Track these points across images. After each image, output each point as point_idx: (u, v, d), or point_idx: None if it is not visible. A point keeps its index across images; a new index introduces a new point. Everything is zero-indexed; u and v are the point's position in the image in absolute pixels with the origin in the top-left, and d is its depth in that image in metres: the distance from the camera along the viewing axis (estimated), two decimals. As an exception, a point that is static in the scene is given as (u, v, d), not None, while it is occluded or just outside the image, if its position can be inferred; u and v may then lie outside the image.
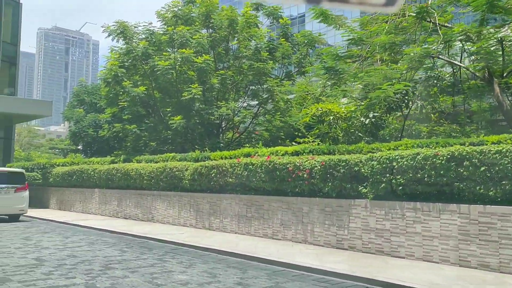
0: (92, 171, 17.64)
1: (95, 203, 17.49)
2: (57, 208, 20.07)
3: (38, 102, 21.60)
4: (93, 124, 30.47)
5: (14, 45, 33.18)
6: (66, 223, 14.45)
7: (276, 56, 20.31)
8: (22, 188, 15.36)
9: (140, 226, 13.16)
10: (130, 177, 15.34)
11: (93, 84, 32.33)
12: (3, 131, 32.35)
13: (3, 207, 14.76)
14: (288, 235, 10.24)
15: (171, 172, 13.66)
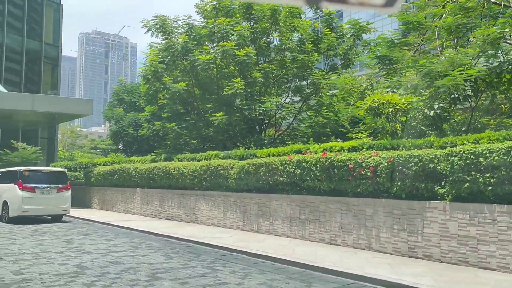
0: (133, 170, 17.17)
1: (136, 203, 17.02)
2: (99, 208, 19.82)
3: (79, 101, 21.46)
4: (132, 123, 30.39)
5: (56, 47, 33.68)
6: (108, 224, 13.97)
7: (320, 48, 19.18)
8: (64, 188, 15.04)
9: (184, 228, 12.44)
10: (172, 176, 14.69)
11: (132, 83, 32.26)
12: (47, 131, 32.91)
13: (45, 207, 14.47)
14: (349, 240, 9.16)
15: (216, 171, 12.86)
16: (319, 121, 19.13)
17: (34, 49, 31.61)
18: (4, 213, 14.33)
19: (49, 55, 32.86)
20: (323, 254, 8.32)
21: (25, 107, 19.25)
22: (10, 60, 29.79)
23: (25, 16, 30.88)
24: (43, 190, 14.45)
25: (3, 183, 14.99)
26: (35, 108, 19.30)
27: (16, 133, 29.17)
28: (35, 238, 10.64)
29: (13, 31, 30.13)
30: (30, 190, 14.12)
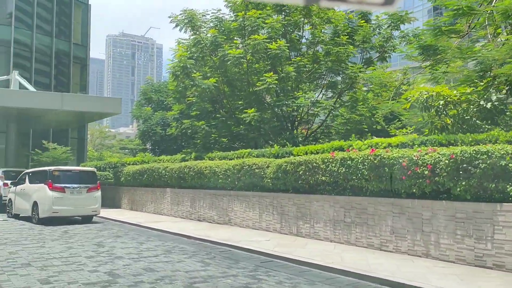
0: (163, 169, 16.67)
1: (167, 203, 16.51)
2: (128, 208, 19.47)
3: (108, 100, 21.26)
4: (160, 123, 30.10)
5: (84, 47, 33.80)
6: (139, 225, 13.47)
7: (355, 41, 18.21)
8: (94, 188, 14.66)
9: (218, 231, 11.78)
10: (204, 176, 14.08)
11: (159, 82, 31.99)
12: (77, 131, 33.08)
13: (75, 208, 14.11)
14: (402, 246, 8.26)
15: (250, 170, 12.14)
16: (354, 118, 18.19)
17: (63, 49, 31.79)
18: (34, 214, 14.06)
19: (78, 55, 33.00)
20: (376, 262, 7.46)
21: (54, 106, 19.09)
22: (40, 61, 30.00)
23: (53, 17, 31.06)
24: (73, 190, 14.09)
25: (33, 183, 14.74)
26: (64, 107, 19.11)
27: (47, 134, 29.39)
28: (65, 241, 10.19)
29: (42, 31, 30.33)
30: (60, 191, 13.79)
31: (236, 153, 14.55)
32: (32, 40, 29.51)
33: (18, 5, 29.03)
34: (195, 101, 21.11)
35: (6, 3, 29.12)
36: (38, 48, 29.84)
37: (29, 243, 9.77)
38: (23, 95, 19.55)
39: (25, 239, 10.47)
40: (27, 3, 29.59)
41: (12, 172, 19.17)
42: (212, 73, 18.08)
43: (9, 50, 28.00)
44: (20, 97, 18.97)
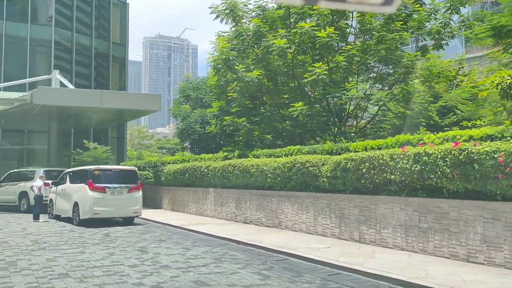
0: (205, 168, 15.82)
1: (210, 204, 15.64)
2: (169, 208, 18.78)
3: (147, 96, 20.74)
4: (199, 121, 29.47)
5: (123, 46, 33.69)
6: (182, 228, 12.63)
7: (410, 27, 16.69)
8: (135, 188, 13.97)
9: (268, 235, 10.72)
10: (250, 175, 13.06)
11: (197, 79, 31.36)
12: (116, 131, 33.06)
13: (116, 209, 13.47)
14: (497, 258, 6.88)
15: (303, 168, 11.00)
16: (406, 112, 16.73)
17: (102, 49, 31.76)
18: (75, 215, 13.52)
19: (117, 55, 32.93)
20: (473, 278, 6.15)
21: (94, 104, 18.68)
22: (80, 62, 30.05)
23: (92, 17, 31.07)
24: (114, 190, 13.45)
25: (73, 183, 14.23)
26: (103, 105, 18.66)
27: (87, 133, 29.42)
28: (106, 246, 9.44)
29: (81, 31, 30.38)
30: (100, 191, 13.17)
31: (284, 151, 13.45)
32: (72, 41, 29.58)
33: (58, 5, 29.16)
34: (236, 97, 20.24)
35: (46, 4, 29.34)
36: (78, 48, 29.90)
37: (69, 248, 9.07)
38: (63, 93, 19.28)
39: (65, 243, 9.80)
40: (66, 3, 29.69)
41: (53, 171, 18.92)
42: (255, 65, 17.05)
43: (50, 50, 28.13)
44: (60, 95, 18.69)
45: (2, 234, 11.25)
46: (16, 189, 18.34)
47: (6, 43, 27.00)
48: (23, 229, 12.41)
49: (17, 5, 28.39)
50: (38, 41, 28.44)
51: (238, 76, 15.89)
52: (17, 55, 27.48)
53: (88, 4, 30.91)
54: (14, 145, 28.10)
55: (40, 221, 14.40)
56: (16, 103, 18.30)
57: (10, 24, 27.48)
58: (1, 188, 19.08)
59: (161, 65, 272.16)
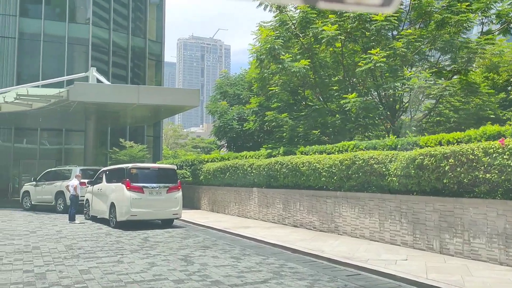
0: (248, 166, 14.62)
1: (253, 205, 14.43)
2: (209, 209, 17.73)
3: (185, 91, 19.72)
4: (237, 117, 28.41)
5: (159, 43, 33.09)
6: (227, 231, 11.46)
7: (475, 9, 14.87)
8: (175, 188, 12.94)
9: (327, 242, 9.36)
10: (301, 173, 11.73)
11: (235, 74, 30.30)
12: (152, 129, 32.51)
13: (155, 211, 12.47)
14: None
15: (366, 166, 9.56)
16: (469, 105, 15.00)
17: (138, 46, 31.25)
18: (111, 217, 12.63)
19: (153, 52, 32.38)
20: None
21: (131, 100, 17.88)
22: (116, 59, 29.63)
23: (129, 14, 30.60)
24: (152, 190, 12.46)
25: (110, 183, 13.37)
26: (141, 101, 17.82)
27: (123, 132, 28.99)
28: (146, 253, 8.36)
29: (118, 29, 29.97)
30: (138, 191, 12.20)
31: (337, 146, 12.04)
32: (109, 38, 29.19)
33: (95, 4, 28.82)
34: (277, 91, 19.03)
35: (84, 3, 29.07)
36: (114, 46, 29.48)
37: (105, 256, 8.05)
38: (100, 89, 18.60)
39: (101, 249, 8.81)
40: (103, 2, 29.33)
41: (89, 170, 18.27)
42: (301, 56, 15.70)
43: (87, 48, 27.82)
44: (97, 91, 18.00)
45: (35, 237, 10.44)
46: (52, 189, 17.80)
47: (44, 42, 26.87)
48: (57, 231, 11.60)
49: (55, 5, 28.27)
50: (75, 39, 28.17)
51: (284, 67, 14.60)
52: (55, 54, 27.29)
53: (125, 1, 30.46)
54: (52, 144, 27.99)
55: (76, 222, 13.64)
56: (52, 100, 17.75)
57: (49, 23, 27.34)
58: (38, 187, 18.62)
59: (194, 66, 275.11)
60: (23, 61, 26.52)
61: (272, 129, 22.42)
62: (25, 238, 10.22)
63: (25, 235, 10.77)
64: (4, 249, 8.70)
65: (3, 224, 13.21)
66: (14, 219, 14.91)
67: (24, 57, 26.66)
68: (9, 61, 26.23)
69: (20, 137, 27.03)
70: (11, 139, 26.57)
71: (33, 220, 14.58)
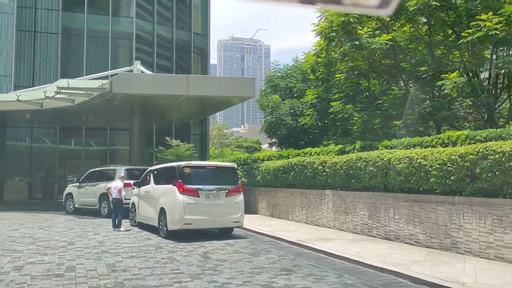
0: (319, 164, 12.21)
1: (327, 210, 12.00)
2: (268, 214, 15.47)
3: (239, 80, 17.34)
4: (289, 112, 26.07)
5: (204, 36, 31.37)
6: (304, 245, 9.11)
7: None
8: (235, 190, 10.73)
9: (453, 267, 6.78)
10: (396, 173, 9.19)
11: (287, 65, 27.96)
12: (199, 127, 30.81)
13: (212, 218, 10.32)
14: None
15: (507, 161, 6.91)
16: None
17: (183, 40, 29.67)
18: (161, 225, 10.61)
19: (198, 46, 30.70)
20: None
21: (179, 91, 15.94)
22: (161, 53, 28.13)
23: (173, 6, 29.02)
24: (209, 193, 10.31)
25: (159, 184, 11.39)
26: (190, 92, 15.84)
27: (169, 130, 27.48)
28: (211, 281, 6.16)
29: (162, 22, 28.48)
30: (193, 194, 10.10)
31: (439, 138, 9.40)
32: (153, 32, 27.75)
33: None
34: (343, 78, 16.57)
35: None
36: (158, 39, 28.01)
37: (157, 283, 5.93)
38: (145, 79, 16.81)
39: (151, 272, 6.70)
40: (147, -6, 27.92)
41: (135, 170, 16.53)
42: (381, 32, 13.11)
43: (131, 42, 26.45)
44: (142, 82, 16.21)
45: (72, 251, 8.56)
46: (96, 190, 16.18)
47: (87, 37, 25.73)
48: (99, 243, 9.71)
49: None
50: (119, 33, 26.95)
51: (361, 43, 12.04)
52: (98, 48, 26.10)
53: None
54: (98, 144, 26.87)
55: (121, 229, 11.80)
56: (95, 93, 16.15)
57: (92, 17, 26.21)
58: (81, 189, 17.08)
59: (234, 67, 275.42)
60: (66, 57, 25.50)
61: (335, 123, 19.97)
62: (60, 253, 8.36)
63: (61, 248, 8.93)
64: (31, 270, 6.80)
65: (40, 232, 11.55)
66: (54, 224, 13.31)
67: (67, 53, 25.65)
68: (52, 57, 25.28)
69: (64, 137, 26.07)
70: (56, 139, 25.65)
71: (74, 226, 12.90)
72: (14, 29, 24.47)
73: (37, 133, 25.83)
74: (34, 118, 21.94)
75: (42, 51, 25.43)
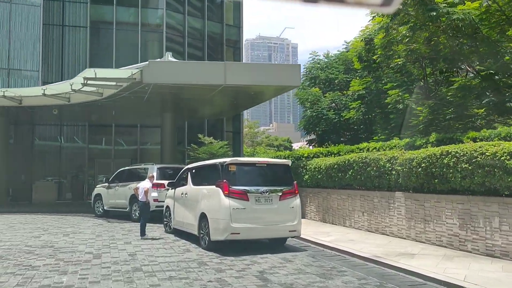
0: (387, 161, 10.20)
1: (397, 217, 9.98)
2: (318, 219, 13.56)
3: (284, 67, 15.15)
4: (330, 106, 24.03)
5: (237, 28, 29.71)
6: (382, 263, 7.15)
7: None
8: (291, 192, 8.87)
9: None
10: (505, 172, 7.12)
11: (327, 54, 25.91)
12: (232, 124, 29.20)
13: (264, 226, 8.51)
14: None
15: None
16: None
17: (215, 32, 28.11)
18: (202, 234, 8.86)
19: (230, 38, 29.07)
20: None
21: (216, 79, 14.23)
22: (192, 45, 26.64)
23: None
24: (260, 196, 8.49)
25: (198, 185, 9.67)
26: (228, 81, 14.10)
27: (201, 127, 25.99)
28: (286, 324, 4.33)
29: (193, 14, 26.97)
30: (241, 197, 8.31)
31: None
32: (184, 24, 26.30)
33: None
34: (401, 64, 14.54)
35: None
36: (190, 31, 26.55)
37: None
38: (178, 67, 15.21)
39: (200, 306, 4.95)
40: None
41: (168, 169, 14.97)
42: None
43: (161, 34, 25.07)
44: (175, 70, 14.61)
45: (97, 268, 6.93)
46: (126, 191, 14.69)
47: (116, 30, 24.54)
48: (130, 255, 8.06)
49: (127, -10, 25.89)
50: (149, 25, 25.69)
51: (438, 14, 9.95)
52: (128, 42, 24.90)
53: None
54: (128, 142, 25.64)
55: (148, 237, 10.19)
56: (124, 84, 14.66)
57: (121, 10, 25.01)
58: (110, 189, 15.65)
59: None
60: (95, 51, 24.34)
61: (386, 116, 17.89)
62: (83, 271, 6.74)
63: (84, 263, 7.32)
64: (42, 299, 5.18)
65: (64, 240, 10.05)
66: (80, 230, 11.84)
67: (96, 47, 24.52)
68: (81, 52, 24.18)
69: (94, 135, 24.98)
70: (85, 137, 24.57)
71: (102, 232, 11.38)
72: (41, 23, 23.50)
73: (66, 131, 24.85)
74: (62, 114, 20.84)
75: (70, 46, 24.39)
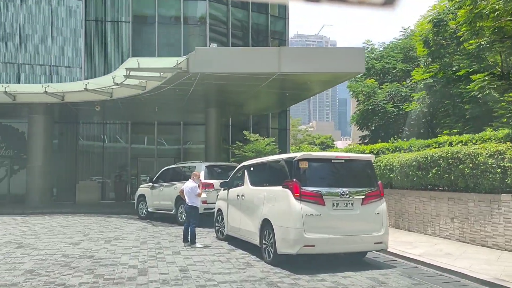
0: (489, 156, 8.26)
1: (504, 224, 8.03)
2: (391, 224, 11.69)
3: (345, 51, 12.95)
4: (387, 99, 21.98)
5: (282, 19, 28.12)
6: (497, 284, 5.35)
7: None
8: (375, 195, 7.15)
9: None
10: None
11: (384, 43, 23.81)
12: (277, 120, 27.71)
13: (344, 237, 6.83)
14: None
15: None
16: None
17: (260, 23, 26.69)
18: (265, 244, 7.31)
19: (276, 30, 27.54)
20: None
21: (269, 67, 12.68)
22: (236, 37, 25.27)
23: (249, -13, 26.08)
24: (338, 200, 6.83)
25: (258, 185, 8.14)
26: (283, 69, 12.53)
27: (246, 124, 24.71)
28: None
29: (237, 4, 25.65)
30: (315, 201, 6.69)
31: None
32: (228, 15, 25.03)
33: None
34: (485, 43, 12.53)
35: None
36: (233, 23, 25.23)
37: None
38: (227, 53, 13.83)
39: None
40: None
41: (217, 168, 13.62)
42: None
43: (205, 28, 23.94)
44: (225, 57, 13.21)
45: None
46: (171, 192, 13.43)
47: (158, 23, 23.65)
48: (181, 271, 6.64)
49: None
50: (191, 18, 24.64)
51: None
52: (170, 35, 23.96)
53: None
54: (171, 140, 24.71)
55: (198, 246, 8.78)
56: (169, 75, 13.42)
57: (163, 3, 24.09)
58: (154, 190, 14.47)
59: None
60: (138, 46, 23.50)
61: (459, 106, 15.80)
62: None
63: (128, 282, 5.96)
64: None
65: (105, 248, 8.82)
66: (123, 235, 10.64)
67: (139, 41, 23.70)
68: (123, 47, 23.43)
69: (136, 133, 24.22)
70: (127, 137, 23.85)
71: (147, 239, 10.11)
72: (83, 19, 22.95)
73: (109, 130, 24.25)
74: (105, 111, 20.10)
75: (113, 41, 23.73)
